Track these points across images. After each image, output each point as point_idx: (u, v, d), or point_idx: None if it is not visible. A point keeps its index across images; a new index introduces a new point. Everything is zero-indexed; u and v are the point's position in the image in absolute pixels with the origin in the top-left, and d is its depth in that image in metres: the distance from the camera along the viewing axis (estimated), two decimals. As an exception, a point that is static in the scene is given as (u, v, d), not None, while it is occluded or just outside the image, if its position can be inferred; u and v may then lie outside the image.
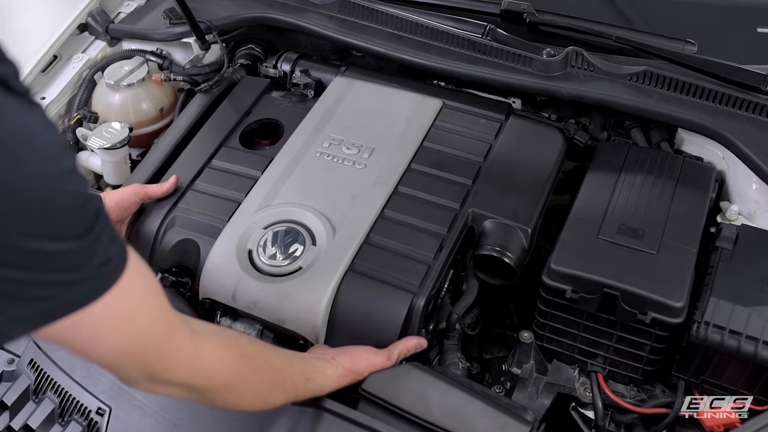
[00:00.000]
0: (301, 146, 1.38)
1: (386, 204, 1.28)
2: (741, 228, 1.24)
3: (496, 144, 1.40)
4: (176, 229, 1.29)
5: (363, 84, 1.53)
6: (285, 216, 1.26)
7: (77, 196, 0.63)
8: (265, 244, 1.22)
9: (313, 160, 1.36)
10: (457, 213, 1.26)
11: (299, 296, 1.16)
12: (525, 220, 1.26)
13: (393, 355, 1.11)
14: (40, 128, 0.59)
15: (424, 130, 1.42)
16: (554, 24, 1.52)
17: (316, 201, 1.27)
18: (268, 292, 1.17)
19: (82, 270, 0.64)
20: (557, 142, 1.41)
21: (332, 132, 1.41)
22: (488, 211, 1.27)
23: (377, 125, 1.42)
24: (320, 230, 1.23)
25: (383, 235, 1.23)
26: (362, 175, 1.32)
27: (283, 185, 1.31)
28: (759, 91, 1.37)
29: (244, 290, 1.18)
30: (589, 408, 1.25)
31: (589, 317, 1.18)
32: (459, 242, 1.25)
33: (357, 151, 1.36)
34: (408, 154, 1.37)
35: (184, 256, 1.28)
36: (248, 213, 1.27)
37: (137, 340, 0.74)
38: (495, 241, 1.24)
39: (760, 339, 1.07)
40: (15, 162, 0.56)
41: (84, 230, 0.63)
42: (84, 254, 0.64)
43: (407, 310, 1.14)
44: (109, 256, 0.67)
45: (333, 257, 1.19)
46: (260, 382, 0.92)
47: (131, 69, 1.65)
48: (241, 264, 1.20)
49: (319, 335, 1.16)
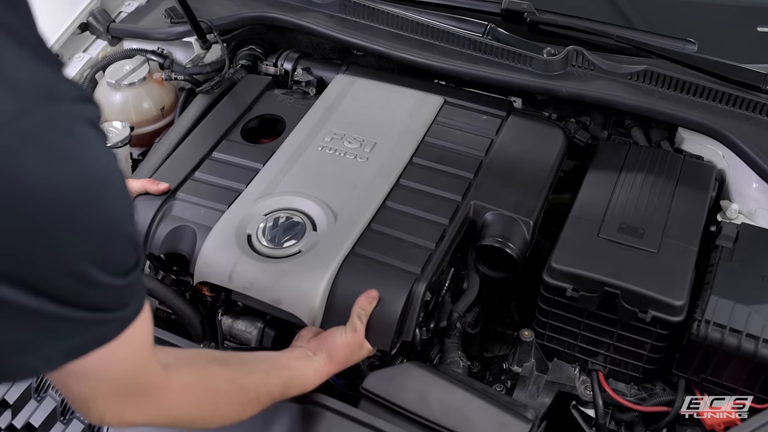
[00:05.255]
0: (303, 140, 1.38)
1: (388, 195, 1.28)
2: (741, 227, 1.24)
3: (498, 139, 1.40)
4: (173, 216, 1.27)
5: (364, 81, 1.53)
6: (286, 204, 1.25)
7: (136, 241, 0.68)
8: (265, 229, 1.21)
9: (315, 153, 1.35)
10: (459, 205, 1.26)
11: (298, 277, 1.14)
12: (527, 212, 1.26)
13: (356, 325, 1.09)
14: (118, 171, 0.65)
15: (426, 125, 1.42)
16: (555, 23, 1.52)
17: (317, 191, 1.27)
18: (266, 272, 1.15)
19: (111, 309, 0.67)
20: (558, 138, 1.42)
21: (334, 127, 1.41)
22: (490, 204, 1.27)
23: (379, 121, 1.42)
24: (321, 217, 1.22)
25: (385, 224, 1.22)
26: (364, 168, 1.32)
27: (284, 176, 1.31)
28: (759, 90, 1.37)
29: (241, 270, 1.16)
30: (589, 406, 1.25)
31: (589, 316, 1.19)
32: (461, 232, 1.24)
33: (359, 145, 1.36)
34: (410, 148, 1.37)
35: (179, 242, 1.25)
36: (249, 200, 1.26)
37: (122, 383, 0.75)
38: (497, 232, 1.24)
39: (760, 337, 1.07)
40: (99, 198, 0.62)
41: (131, 268, 0.67)
42: (124, 290, 0.67)
43: (408, 294, 1.12)
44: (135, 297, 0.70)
45: (334, 242, 1.18)
46: (227, 408, 0.92)
47: (132, 68, 1.66)
48: (239, 246, 1.18)
49: (317, 318, 1.14)
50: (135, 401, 0.78)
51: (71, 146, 0.59)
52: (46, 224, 0.58)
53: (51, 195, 0.57)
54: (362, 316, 1.10)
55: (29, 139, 0.55)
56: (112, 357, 0.71)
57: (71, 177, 0.58)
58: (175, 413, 0.85)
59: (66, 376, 0.72)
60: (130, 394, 0.77)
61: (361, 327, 1.09)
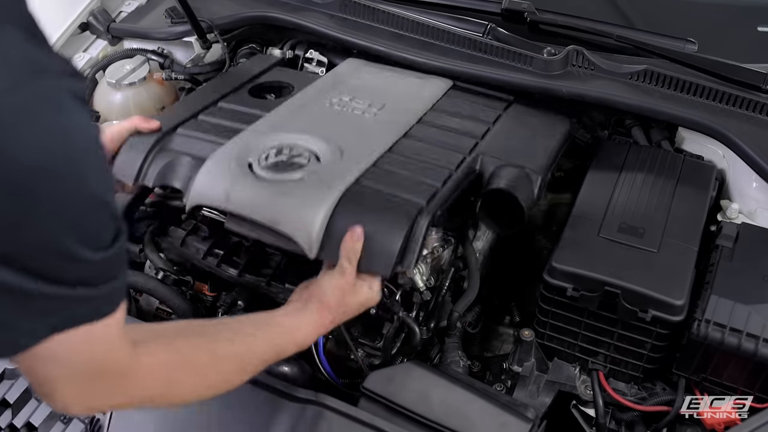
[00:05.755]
0: (311, 97, 1.37)
1: (396, 143, 1.25)
2: (741, 226, 1.24)
3: (505, 113, 1.40)
4: (170, 149, 1.20)
5: (375, 64, 1.53)
6: (291, 140, 1.20)
7: (114, 212, 0.68)
8: (267, 157, 1.15)
9: (323, 107, 1.33)
10: (466, 156, 1.24)
11: (299, 199, 1.08)
12: (536, 167, 1.22)
13: (344, 267, 1.03)
14: (101, 144, 0.66)
15: (436, 97, 1.42)
16: (555, 23, 1.52)
17: (325, 133, 1.23)
18: (266, 191, 1.09)
19: (100, 284, 0.67)
20: (565, 120, 1.41)
21: (343, 90, 1.40)
22: (498, 157, 1.24)
23: (389, 90, 1.42)
24: (326, 151, 1.18)
25: (391, 165, 1.19)
26: (373, 121, 1.30)
27: (291, 121, 1.28)
28: (759, 89, 1.37)
29: (239, 191, 1.10)
30: (590, 406, 1.25)
31: (590, 315, 1.19)
32: (467, 179, 1.20)
33: (368, 105, 1.35)
34: (419, 111, 1.36)
35: (175, 175, 1.17)
36: (252, 134, 1.22)
37: (90, 366, 0.72)
38: (505, 180, 1.20)
39: (760, 337, 1.07)
40: (82, 171, 0.62)
41: (111, 242, 0.67)
42: (108, 265, 0.67)
43: (410, 224, 1.06)
44: (121, 276, 0.70)
45: (338, 172, 1.14)
46: (209, 380, 0.87)
47: (132, 68, 1.66)
48: (240, 169, 1.13)
49: (314, 244, 1.06)
50: (100, 385, 0.74)
51: (57, 119, 0.60)
52: (30, 196, 0.58)
53: (36, 166, 0.58)
54: (351, 257, 1.03)
55: (18, 113, 0.56)
56: (92, 338, 0.69)
57: (56, 149, 0.59)
58: (145, 394, 0.80)
59: (32, 358, 0.69)
60: (96, 378, 0.73)
61: (351, 268, 1.03)
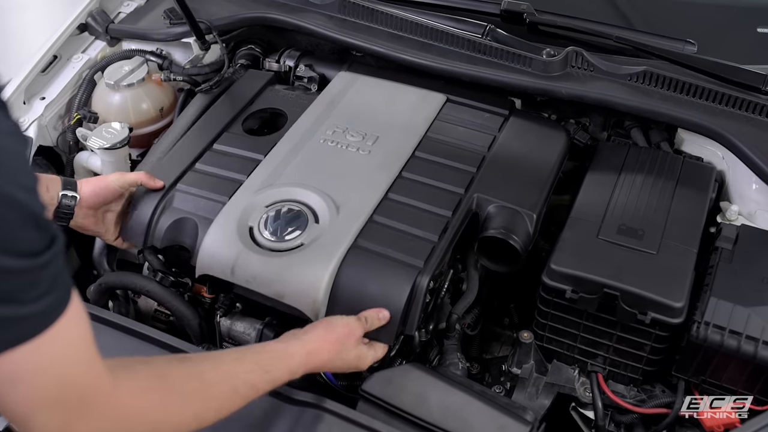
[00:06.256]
0: (305, 132, 1.38)
1: (390, 187, 1.27)
2: (741, 228, 1.24)
3: (500, 136, 1.40)
4: (174, 208, 1.25)
5: (367, 78, 1.53)
6: (288, 195, 1.24)
7: (35, 215, 0.63)
8: (267, 221, 1.20)
9: (317, 145, 1.35)
10: (462, 197, 1.26)
11: (301, 270, 1.13)
12: (530, 205, 1.25)
13: (361, 319, 1.07)
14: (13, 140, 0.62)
15: (429, 121, 1.42)
16: (554, 24, 1.52)
17: (319, 182, 1.26)
18: (269, 265, 1.14)
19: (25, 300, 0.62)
20: (561, 137, 1.42)
21: (336, 121, 1.41)
22: (493, 197, 1.26)
23: (381, 116, 1.42)
24: (323, 209, 1.22)
25: (387, 216, 1.22)
26: (366, 160, 1.31)
27: (286, 167, 1.30)
28: (759, 91, 1.37)
29: (243, 264, 1.15)
30: (589, 408, 1.25)
31: (589, 317, 1.18)
32: (464, 225, 1.23)
33: (361, 139, 1.36)
34: (412, 142, 1.36)
35: (181, 234, 1.23)
36: (250, 191, 1.25)
37: (60, 388, 0.68)
38: (500, 224, 1.23)
39: (759, 339, 1.07)
40: None
41: (37, 251, 0.62)
42: (32, 277, 0.62)
43: (411, 286, 1.11)
44: (54, 288, 0.65)
45: (336, 234, 1.17)
46: (197, 407, 0.84)
47: (131, 69, 1.65)
48: (241, 239, 1.18)
49: (320, 311, 1.12)
50: (80, 412, 0.70)
51: None
52: None
53: None
54: (370, 321, 1.08)
55: None
56: (43, 357, 0.65)
57: None
58: (132, 422, 0.75)
59: None
60: (72, 404, 0.69)
61: (366, 325, 1.07)
